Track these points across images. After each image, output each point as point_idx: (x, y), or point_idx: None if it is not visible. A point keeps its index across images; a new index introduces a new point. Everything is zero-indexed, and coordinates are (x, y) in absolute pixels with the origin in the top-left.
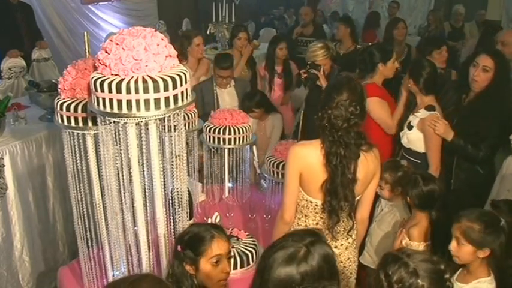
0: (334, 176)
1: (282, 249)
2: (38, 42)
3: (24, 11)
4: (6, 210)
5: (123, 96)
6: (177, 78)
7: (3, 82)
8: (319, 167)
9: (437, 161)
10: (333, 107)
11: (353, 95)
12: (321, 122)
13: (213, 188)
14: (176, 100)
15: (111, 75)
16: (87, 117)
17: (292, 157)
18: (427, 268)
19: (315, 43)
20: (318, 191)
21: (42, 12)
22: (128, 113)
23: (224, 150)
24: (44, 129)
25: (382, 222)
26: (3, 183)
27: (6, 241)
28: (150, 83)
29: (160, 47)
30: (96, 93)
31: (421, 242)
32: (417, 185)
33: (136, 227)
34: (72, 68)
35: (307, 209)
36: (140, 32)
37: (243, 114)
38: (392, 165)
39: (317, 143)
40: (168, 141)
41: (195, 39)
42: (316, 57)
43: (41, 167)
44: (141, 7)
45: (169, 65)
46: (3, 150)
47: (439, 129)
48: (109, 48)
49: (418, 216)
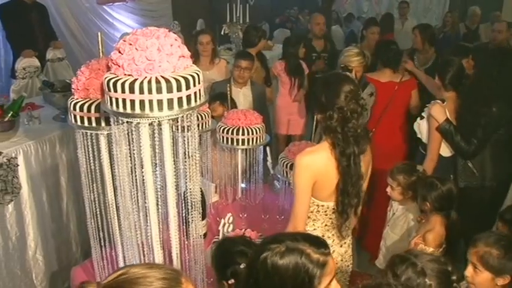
0: (346, 176)
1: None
2: (53, 43)
3: (39, 11)
4: (20, 210)
5: (136, 96)
6: (190, 79)
7: (17, 82)
8: (331, 170)
9: (434, 152)
10: (341, 101)
11: (355, 85)
12: (330, 122)
13: (226, 189)
14: (189, 100)
15: (125, 75)
16: (100, 117)
17: (304, 168)
18: (434, 268)
19: (352, 48)
20: (330, 194)
21: (57, 12)
22: (140, 113)
23: (237, 150)
24: (57, 129)
25: (395, 226)
26: (17, 183)
27: (20, 240)
28: (163, 83)
29: (174, 48)
30: (109, 93)
31: (437, 247)
32: (436, 187)
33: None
34: (85, 68)
35: (317, 213)
36: (154, 32)
37: (256, 115)
38: (407, 168)
39: (325, 147)
40: (181, 141)
41: (199, 37)
42: (351, 63)
43: (54, 166)
44: (155, 8)
45: (182, 66)
46: (17, 149)
47: (433, 110)
48: (122, 48)
49: (433, 221)
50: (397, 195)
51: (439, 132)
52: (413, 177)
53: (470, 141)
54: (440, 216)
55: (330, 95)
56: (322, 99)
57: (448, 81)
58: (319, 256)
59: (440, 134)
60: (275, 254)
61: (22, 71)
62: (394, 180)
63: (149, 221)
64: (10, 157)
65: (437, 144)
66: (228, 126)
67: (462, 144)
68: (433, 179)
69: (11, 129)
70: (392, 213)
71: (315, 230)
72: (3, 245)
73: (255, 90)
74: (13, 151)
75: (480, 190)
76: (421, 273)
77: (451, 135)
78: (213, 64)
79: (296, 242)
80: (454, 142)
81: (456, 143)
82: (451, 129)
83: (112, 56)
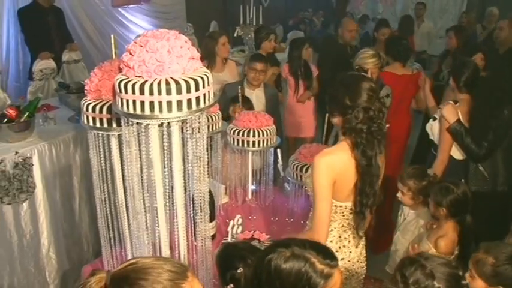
0: (366, 176)
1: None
2: (69, 45)
3: (55, 14)
4: (34, 209)
5: (146, 97)
6: (199, 81)
7: (34, 83)
8: (350, 171)
9: (444, 154)
10: (365, 101)
11: (375, 84)
12: (355, 122)
13: (236, 190)
14: (198, 102)
15: (135, 77)
16: (111, 119)
17: (324, 169)
18: (444, 271)
19: (367, 50)
20: (348, 194)
21: (73, 15)
22: (150, 115)
23: (248, 152)
24: (72, 130)
25: (406, 232)
26: (32, 182)
27: (34, 238)
28: (172, 85)
29: (184, 49)
30: (120, 94)
31: (448, 254)
32: (452, 191)
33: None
34: (98, 69)
35: (334, 214)
36: (164, 34)
37: (267, 117)
38: (418, 172)
39: (343, 148)
40: (190, 143)
41: (221, 39)
42: (366, 65)
43: (68, 166)
44: (170, 10)
45: (192, 67)
46: (32, 150)
47: (445, 110)
48: (133, 50)
49: (446, 227)
50: (408, 201)
51: (449, 133)
52: (424, 182)
53: (481, 144)
54: (453, 222)
55: (353, 95)
56: (344, 101)
57: (463, 83)
58: (324, 267)
59: (450, 135)
60: (280, 257)
61: (39, 72)
62: (404, 186)
63: (157, 221)
64: (25, 157)
65: (448, 146)
66: (238, 128)
67: (472, 146)
68: (447, 183)
69: (26, 130)
70: (403, 218)
71: (331, 231)
72: (18, 243)
73: (268, 92)
74: (28, 151)
75: (491, 195)
76: (430, 276)
77: (461, 136)
78: (225, 66)
79: (303, 249)
80: (464, 144)
81: (466, 145)
82: (462, 131)
83: (123, 57)
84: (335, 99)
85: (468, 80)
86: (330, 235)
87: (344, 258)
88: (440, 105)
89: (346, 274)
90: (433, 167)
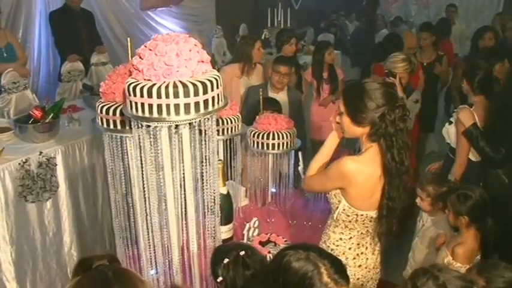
0: (393, 183)
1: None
2: (97, 47)
3: (85, 17)
4: (57, 207)
5: (154, 100)
6: (207, 84)
7: (62, 85)
8: (372, 182)
9: (463, 158)
10: (395, 107)
11: (394, 89)
12: (384, 127)
13: (256, 193)
14: (207, 105)
15: (144, 80)
16: (124, 121)
17: (344, 174)
18: (458, 284)
19: (398, 54)
20: (369, 203)
21: (103, 17)
22: (158, 117)
23: (268, 155)
24: (95, 131)
25: (424, 238)
26: (55, 181)
27: (56, 236)
28: (180, 88)
29: (193, 53)
30: (129, 97)
31: (465, 263)
32: (469, 198)
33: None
34: (113, 72)
35: (355, 223)
36: (173, 37)
37: (287, 119)
38: (438, 178)
39: (370, 158)
40: (199, 145)
41: (256, 44)
42: (395, 69)
43: (91, 167)
44: (199, 12)
45: (201, 70)
46: (56, 150)
47: (462, 115)
48: (143, 54)
49: (465, 235)
50: (427, 206)
51: (465, 137)
52: (444, 188)
53: (498, 149)
54: (474, 230)
55: (376, 101)
56: (371, 108)
57: (477, 85)
58: (330, 281)
59: (466, 139)
60: (294, 255)
61: (67, 74)
62: (423, 191)
63: (168, 223)
64: (49, 157)
65: (466, 149)
66: (258, 130)
67: (487, 150)
68: (463, 191)
69: (51, 130)
70: (422, 224)
71: (351, 239)
72: (40, 240)
73: (291, 95)
74: (52, 151)
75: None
76: (442, 287)
77: (476, 140)
78: (253, 70)
79: (319, 257)
80: (480, 148)
81: (481, 148)
82: (477, 134)
83: (133, 61)
84: (359, 108)
85: (482, 82)
86: (348, 242)
87: (361, 265)
88: (456, 110)
89: (363, 281)
90: (451, 171)
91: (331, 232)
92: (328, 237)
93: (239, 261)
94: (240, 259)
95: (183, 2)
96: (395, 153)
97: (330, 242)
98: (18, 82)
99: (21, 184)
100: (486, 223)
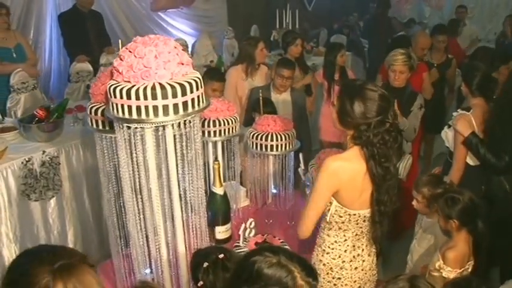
0: (382, 186)
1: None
2: (106, 48)
3: (94, 19)
4: (61, 206)
5: (133, 102)
6: (186, 86)
7: (71, 85)
8: (359, 179)
9: (460, 162)
10: (378, 114)
11: (388, 97)
12: (369, 136)
13: (256, 194)
14: (186, 107)
15: (124, 81)
16: None
17: (330, 174)
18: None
19: (399, 49)
20: (360, 202)
21: (114, 18)
22: (137, 119)
23: (268, 156)
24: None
25: (422, 240)
26: (58, 180)
27: (61, 235)
28: (158, 90)
29: (172, 55)
30: (110, 98)
31: (456, 268)
32: (457, 201)
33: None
34: (103, 74)
35: (348, 223)
36: (153, 40)
37: (286, 121)
38: (433, 180)
39: (354, 155)
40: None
41: (259, 44)
42: (395, 62)
43: (95, 166)
44: (211, 14)
45: (180, 73)
46: (60, 149)
47: (458, 125)
48: (123, 55)
49: (456, 239)
50: (423, 209)
51: (465, 146)
52: (439, 190)
53: (500, 156)
54: (465, 233)
55: (366, 107)
56: (357, 113)
57: (476, 87)
58: (304, 283)
59: (466, 148)
60: (265, 262)
61: (75, 75)
62: (418, 193)
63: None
64: (52, 156)
65: (462, 155)
66: (257, 132)
67: (489, 157)
68: (451, 194)
69: (55, 130)
70: (420, 226)
71: (346, 241)
72: (45, 238)
73: (294, 96)
74: (55, 150)
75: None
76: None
77: (476, 148)
78: (257, 71)
79: (290, 261)
80: (481, 156)
81: (483, 156)
82: (476, 142)
83: (114, 62)
84: (346, 111)
85: (480, 84)
86: (344, 245)
87: (358, 267)
88: (455, 113)
89: (360, 283)
90: (449, 175)
91: (326, 235)
92: (323, 240)
93: (219, 265)
94: (220, 262)
95: (194, 3)
96: (377, 163)
97: (325, 246)
98: (27, 82)
99: (24, 183)
100: (476, 226)
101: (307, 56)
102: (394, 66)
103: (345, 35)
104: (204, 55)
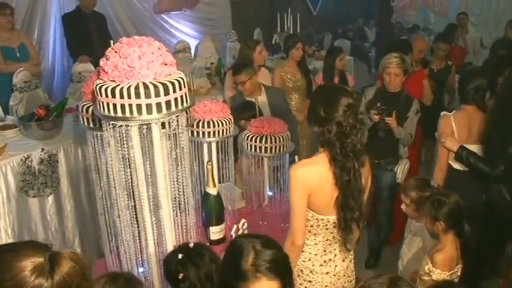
0: (347, 191)
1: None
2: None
3: (97, 20)
4: (59, 203)
5: (117, 100)
6: (169, 85)
7: (73, 85)
8: (327, 183)
9: (442, 163)
10: (340, 116)
11: (354, 99)
12: (328, 135)
13: (251, 195)
14: (169, 105)
15: (109, 81)
16: None
17: (297, 181)
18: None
19: (391, 53)
20: (330, 207)
21: (117, 20)
22: (122, 116)
23: (263, 158)
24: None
25: (412, 245)
26: (57, 178)
27: (59, 231)
28: (141, 89)
29: (155, 55)
30: (97, 97)
31: (445, 270)
32: (444, 203)
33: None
34: (94, 73)
35: (317, 228)
36: (137, 41)
37: (281, 123)
38: (420, 183)
39: (321, 160)
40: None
41: (257, 47)
42: (389, 65)
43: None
44: (214, 16)
45: (164, 73)
46: (58, 147)
47: (439, 124)
48: (109, 55)
49: (443, 241)
50: (412, 212)
51: (458, 161)
52: (427, 193)
53: (495, 165)
54: (453, 235)
55: (329, 108)
56: (320, 113)
57: (467, 93)
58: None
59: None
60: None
61: (77, 75)
62: (407, 197)
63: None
64: (51, 153)
65: (444, 155)
66: (252, 134)
67: (481, 166)
68: (437, 196)
69: (54, 128)
70: (409, 231)
71: (316, 245)
72: (43, 235)
73: (269, 94)
74: (54, 148)
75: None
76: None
77: (467, 159)
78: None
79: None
80: (473, 166)
81: (474, 166)
82: (467, 154)
83: (100, 62)
84: (313, 109)
85: (473, 91)
86: (314, 249)
87: (329, 272)
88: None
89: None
90: (433, 177)
91: None
92: None
93: (192, 253)
94: (193, 250)
95: (198, 6)
96: (341, 165)
97: None
98: (30, 81)
99: (23, 179)
100: (463, 229)
101: (309, 60)
102: (388, 69)
103: (348, 39)
104: (206, 57)
